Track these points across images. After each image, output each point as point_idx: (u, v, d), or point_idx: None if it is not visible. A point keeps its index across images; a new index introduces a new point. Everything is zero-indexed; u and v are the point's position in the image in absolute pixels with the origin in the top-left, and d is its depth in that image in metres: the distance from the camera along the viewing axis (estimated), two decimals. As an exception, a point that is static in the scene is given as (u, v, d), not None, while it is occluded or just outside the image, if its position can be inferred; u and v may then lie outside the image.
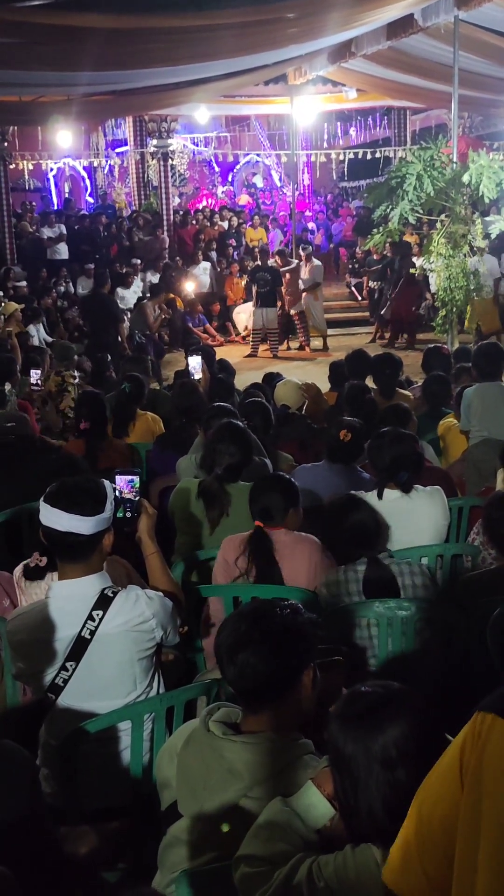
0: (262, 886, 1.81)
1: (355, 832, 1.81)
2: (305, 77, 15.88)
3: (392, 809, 1.73)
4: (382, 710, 1.82)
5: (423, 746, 1.70)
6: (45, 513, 2.78)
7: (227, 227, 19.37)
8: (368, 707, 1.84)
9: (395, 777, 1.75)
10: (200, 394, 6.18)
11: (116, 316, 13.30)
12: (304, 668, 2.21)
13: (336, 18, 10.74)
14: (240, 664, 2.16)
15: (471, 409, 6.00)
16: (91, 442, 5.68)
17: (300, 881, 1.77)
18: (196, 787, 2.13)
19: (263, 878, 1.83)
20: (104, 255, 17.46)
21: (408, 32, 11.99)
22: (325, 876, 1.76)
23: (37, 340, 12.16)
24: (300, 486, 4.60)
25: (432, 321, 13.05)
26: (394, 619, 3.32)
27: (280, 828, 1.90)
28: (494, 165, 11.21)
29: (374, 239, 12.61)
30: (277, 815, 1.93)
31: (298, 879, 1.77)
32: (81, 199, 23.87)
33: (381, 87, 16.81)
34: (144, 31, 10.06)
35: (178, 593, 3.15)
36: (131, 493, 3.02)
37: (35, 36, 9.39)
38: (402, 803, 1.64)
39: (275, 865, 1.83)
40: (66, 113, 16.00)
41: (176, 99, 16.01)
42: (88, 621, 2.75)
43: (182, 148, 22.93)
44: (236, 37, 10.81)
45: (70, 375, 8.59)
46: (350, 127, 23.78)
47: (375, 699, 1.85)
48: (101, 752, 2.77)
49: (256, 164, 26.04)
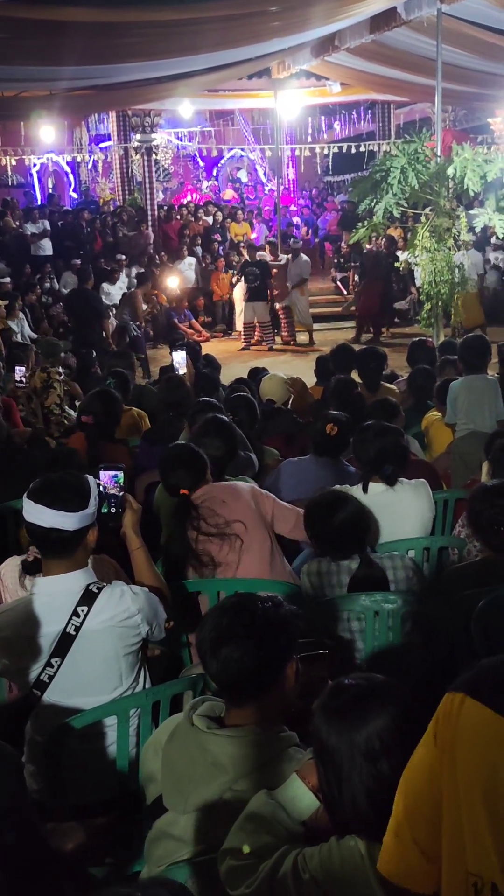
0: (247, 879, 1.82)
1: (340, 824, 1.81)
2: (289, 71, 15.86)
3: (376, 801, 1.73)
4: (366, 703, 1.82)
5: (407, 738, 1.70)
6: (29, 509, 2.77)
7: (212, 223, 19.33)
8: (352, 699, 1.84)
9: (379, 769, 1.76)
10: (187, 388, 6.16)
11: (101, 312, 13.26)
12: (286, 660, 2.21)
13: (319, 12, 10.73)
14: (222, 658, 2.16)
15: (457, 402, 6.03)
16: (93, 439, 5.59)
17: (285, 873, 1.78)
18: (181, 781, 2.13)
19: (249, 870, 1.83)
20: (88, 250, 17.40)
21: (391, 26, 11.99)
22: (311, 868, 1.76)
23: (20, 337, 12.11)
24: (286, 479, 4.61)
25: (417, 315, 13.08)
26: (380, 612, 3.33)
27: (265, 820, 1.90)
28: (478, 159, 11.21)
29: (359, 233, 12.61)
30: (262, 808, 1.93)
31: (283, 872, 1.78)
32: (65, 195, 23.78)
33: (365, 80, 16.81)
34: (127, 25, 10.03)
35: (164, 588, 3.15)
36: (116, 488, 3.02)
37: (16, 30, 9.34)
38: (385, 795, 1.66)
39: (260, 858, 1.83)
40: (49, 108, 15.93)
41: (159, 93, 15.97)
42: (73, 617, 2.75)
43: (166, 143, 22.86)
44: (219, 30, 10.79)
45: (56, 372, 8.56)
46: (334, 121, 23.76)
47: (359, 691, 1.85)
48: (87, 747, 2.77)
49: (241, 158, 26.00)
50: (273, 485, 4.63)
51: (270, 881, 1.79)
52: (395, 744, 1.75)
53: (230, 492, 3.86)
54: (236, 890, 1.84)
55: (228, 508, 3.75)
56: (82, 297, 13.12)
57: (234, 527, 3.72)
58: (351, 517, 3.52)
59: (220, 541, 3.73)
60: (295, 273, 15.49)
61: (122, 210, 19.38)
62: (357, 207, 12.84)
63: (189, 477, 3.85)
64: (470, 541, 3.96)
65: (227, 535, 3.71)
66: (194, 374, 6.81)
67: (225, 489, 3.88)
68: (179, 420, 5.68)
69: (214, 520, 3.72)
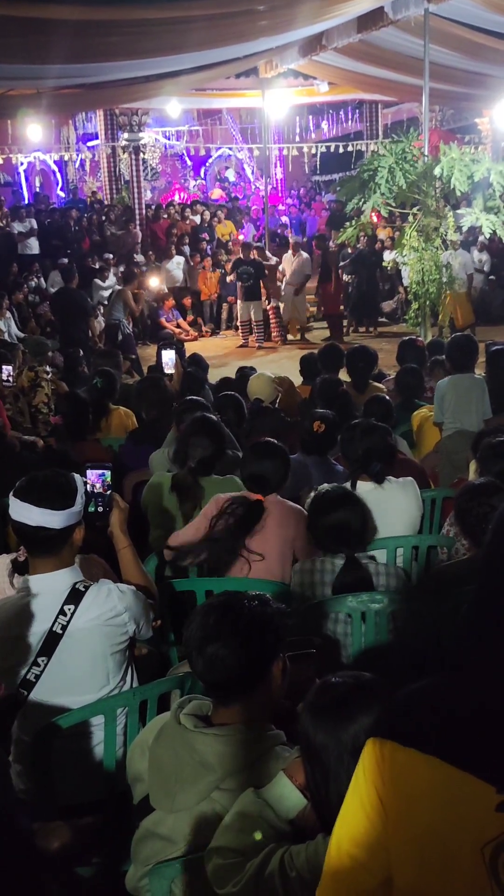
0: (234, 878, 1.81)
1: (327, 822, 1.81)
2: (277, 70, 15.86)
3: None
4: (353, 701, 1.82)
5: None
6: (15, 507, 2.76)
7: (200, 222, 19.31)
8: (339, 697, 1.84)
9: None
10: (166, 387, 6.16)
11: (87, 311, 13.24)
12: (273, 659, 2.21)
13: (306, 11, 10.73)
14: (208, 657, 2.15)
15: (444, 401, 6.03)
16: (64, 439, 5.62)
17: (272, 871, 1.77)
18: (168, 780, 2.12)
19: (236, 869, 1.83)
20: (76, 249, 17.37)
21: (378, 25, 12.02)
22: (297, 866, 1.76)
23: (8, 336, 12.07)
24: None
25: (405, 315, 13.11)
26: (367, 612, 3.33)
27: (252, 819, 1.90)
28: (465, 158, 11.25)
29: (346, 233, 12.63)
30: (249, 807, 1.93)
31: (271, 870, 1.77)
32: (52, 194, 23.72)
33: (353, 80, 16.83)
34: (113, 23, 10.00)
35: (151, 587, 3.14)
36: (102, 487, 3.00)
37: (2, 28, 9.29)
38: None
39: (247, 857, 1.83)
40: (36, 106, 15.88)
41: (147, 92, 15.94)
42: (60, 616, 2.74)
43: (154, 142, 22.85)
44: (206, 29, 10.77)
45: (43, 371, 8.52)
46: (322, 120, 23.79)
47: (346, 689, 1.85)
48: (74, 747, 2.76)
49: (229, 157, 26.00)
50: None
51: (257, 879, 1.78)
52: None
53: (289, 513, 3.87)
54: (223, 888, 1.84)
55: (274, 528, 3.78)
56: (68, 296, 13.08)
57: (253, 556, 3.73)
58: (350, 516, 3.54)
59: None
60: (296, 270, 15.51)
61: (109, 209, 19.34)
62: (345, 207, 12.86)
63: (277, 474, 3.87)
64: (458, 539, 3.97)
65: (245, 558, 3.73)
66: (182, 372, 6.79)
67: (288, 510, 3.88)
68: (165, 420, 5.68)
69: (253, 538, 3.74)
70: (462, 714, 1.31)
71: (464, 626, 1.44)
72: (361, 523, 3.61)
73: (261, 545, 3.74)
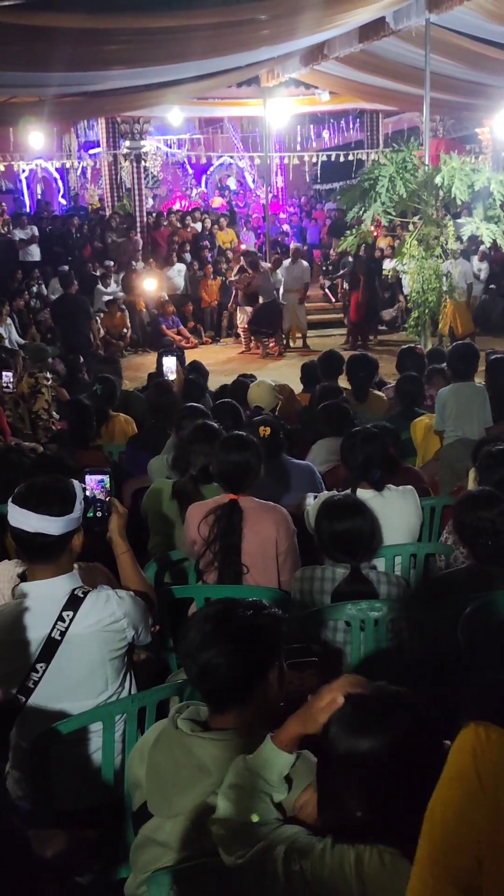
0: (241, 849, 1.85)
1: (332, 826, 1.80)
2: (278, 79, 15.92)
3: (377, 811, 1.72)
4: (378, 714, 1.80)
5: (415, 752, 1.71)
6: (14, 513, 2.76)
7: (201, 229, 19.35)
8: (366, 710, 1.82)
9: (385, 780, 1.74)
10: (174, 394, 6.17)
11: (88, 316, 13.29)
12: (269, 666, 2.20)
13: (308, 21, 10.77)
14: (203, 664, 2.15)
15: (445, 410, 6.04)
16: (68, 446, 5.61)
17: (277, 857, 1.79)
18: (165, 785, 2.12)
19: (240, 837, 1.87)
20: (77, 256, 17.41)
21: (379, 35, 12.06)
22: (302, 862, 1.77)
23: (8, 342, 12.08)
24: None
25: (405, 324, 13.13)
26: (366, 620, 3.32)
27: (245, 790, 1.93)
28: (466, 168, 11.28)
29: (346, 241, 12.65)
30: (241, 778, 1.96)
31: (276, 854, 1.80)
32: (54, 201, 23.76)
33: (354, 89, 16.88)
34: (116, 32, 10.03)
35: (150, 592, 3.14)
36: (102, 492, 3.00)
37: (5, 36, 9.32)
38: (387, 806, 1.68)
39: (247, 825, 1.87)
40: (38, 114, 15.91)
41: (148, 100, 15.99)
42: (59, 622, 2.73)
43: (155, 150, 22.88)
44: (208, 38, 10.80)
45: (43, 377, 8.53)
46: (323, 129, 23.86)
47: (378, 703, 1.83)
48: (72, 753, 2.75)
49: (230, 166, 26.05)
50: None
51: (263, 859, 1.80)
52: (402, 756, 1.73)
53: (267, 515, 3.77)
54: (231, 854, 1.87)
55: (253, 530, 3.70)
56: (70, 302, 13.10)
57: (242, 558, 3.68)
58: (357, 528, 3.48)
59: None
60: (295, 277, 15.52)
61: (111, 216, 19.38)
62: (346, 215, 12.90)
63: (248, 469, 3.76)
64: (457, 547, 3.96)
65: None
66: (182, 380, 6.80)
67: (264, 509, 3.78)
68: (165, 426, 5.69)
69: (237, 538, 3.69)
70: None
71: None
72: (370, 534, 3.56)
73: (242, 556, 3.69)
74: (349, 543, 3.47)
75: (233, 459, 3.74)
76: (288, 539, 3.76)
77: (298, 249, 16.61)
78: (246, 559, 3.68)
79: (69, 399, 5.97)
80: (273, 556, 3.73)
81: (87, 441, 5.78)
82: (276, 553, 3.73)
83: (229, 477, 3.77)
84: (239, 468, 3.74)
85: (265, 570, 3.71)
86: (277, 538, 3.72)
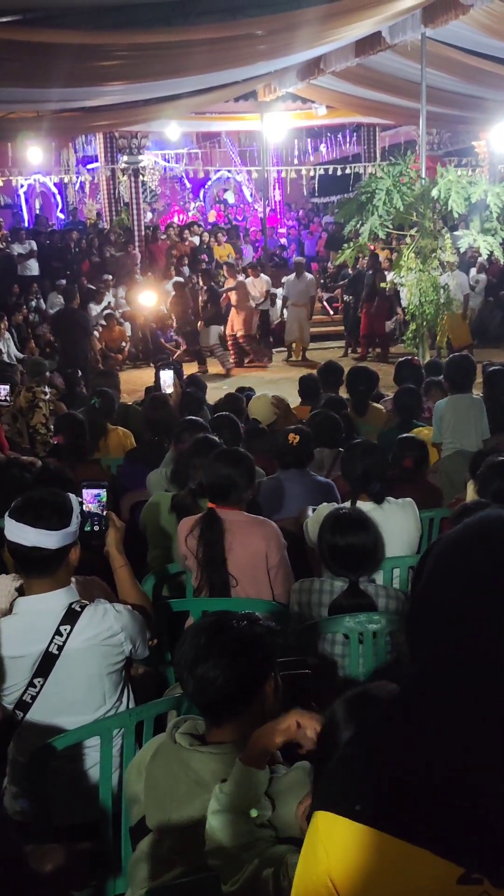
0: (233, 877, 1.86)
1: None
2: (275, 94, 15.98)
3: None
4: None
5: None
6: (11, 528, 2.75)
7: (199, 243, 19.40)
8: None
9: None
10: (171, 408, 6.16)
11: (87, 330, 13.30)
12: (265, 678, 2.19)
13: (304, 36, 10.82)
14: (199, 678, 2.14)
15: (443, 422, 6.04)
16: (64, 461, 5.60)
17: (267, 876, 1.81)
18: (164, 800, 2.11)
19: (233, 868, 1.89)
20: (75, 270, 17.44)
21: (376, 50, 12.11)
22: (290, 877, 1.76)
23: (6, 357, 12.10)
24: (262, 501, 4.62)
25: (403, 336, 13.15)
26: (365, 633, 3.31)
27: (228, 815, 1.93)
28: (462, 181, 11.32)
29: (344, 254, 12.69)
30: (221, 804, 1.96)
31: (266, 874, 1.81)
32: (52, 216, 23.85)
33: (351, 103, 16.95)
34: (114, 47, 10.09)
35: (148, 606, 3.13)
36: (98, 506, 2.99)
37: (4, 52, 9.38)
38: None
39: (239, 854, 1.89)
40: (36, 129, 15.99)
41: (146, 115, 16.05)
42: (56, 636, 2.72)
43: (153, 164, 22.98)
44: (205, 53, 10.85)
45: (41, 391, 8.53)
46: (320, 143, 23.94)
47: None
48: (69, 768, 2.74)
49: (227, 180, 26.16)
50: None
51: (254, 881, 1.82)
52: None
53: (255, 529, 3.76)
54: (226, 883, 1.88)
55: (241, 544, 3.70)
56: (69, 317, 13.13)
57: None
58: (361, 543, 3.47)
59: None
60: (301, 291, 15.51)
61: (109, 231, 19.44)
62: (343, 228, 12.93)
63: (236, 483, 3.77)
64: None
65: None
66: (180, 393, 6.81)
67: (252, 523, 3.78)
68: (163, 440, 5.68)
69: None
70: (406, 781, 1.17)
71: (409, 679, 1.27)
72: (373, 549, 3.54)
73: (230, 568, 3.69)
74: (351, 558, 3.46)
75: (221, 472, 3.77)
76: (278, 553, 3.75)
77: (302, 263, 16.50)
78: (236, 572, 3.68)
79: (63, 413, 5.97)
80: (264, 569, 3.72)
81: (83, 455, 5.77)
82: (267, 567, 3.73)
83: (214, 488, 3.79)
84: (225, 480, 3.76)
85: (256, 583, 3.71)
86: (268, 552, 3.72)
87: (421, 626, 1.24)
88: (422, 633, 1.24)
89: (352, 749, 1.28)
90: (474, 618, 1.18)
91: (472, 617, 1.18)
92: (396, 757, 1.20)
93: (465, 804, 1.14)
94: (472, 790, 1.15)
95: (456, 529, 1.28)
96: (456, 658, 1.18)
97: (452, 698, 1.18)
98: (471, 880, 1.13)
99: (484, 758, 1.15)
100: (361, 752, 1.25)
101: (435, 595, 1.23)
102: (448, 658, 1.19)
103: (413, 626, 1.26)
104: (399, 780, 1.18)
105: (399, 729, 1.22)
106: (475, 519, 1.27)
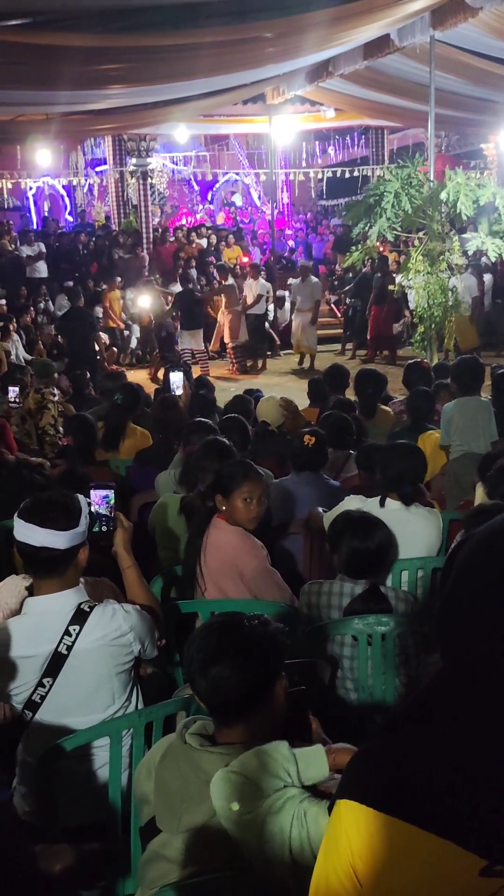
0: (247, 803, 1.91)
1: None
2: (284, 96, 16.00)
3: None
4: None
5: None
6: (20, 528, 2.76)
7: (206, 245, 19.42)
8: None
9: None
10: (180, 409, 6.16)
11: (94, 328, 13.35)
12: (275, 679, 2.19)
13: (313, 38, 10.83)
14: (212, 678, 2.14)
15: (451, 424, 6.03)
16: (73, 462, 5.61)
17: (286, 817, 1.86)
18: (174, 801, 2.10)
19: (248, 793, 1.94)
20: (84, 272, 17.48)
21: (384, 52, 12.12)
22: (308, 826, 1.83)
23: (15, 358, 12.12)
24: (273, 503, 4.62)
25: (411, 338, 13.13)
26: (373, 635, 3.31)
27: (273, 761, 1.99)
28: (471, 183, 11.32)
29: (352, 256, 12.68)
30: (278, 752, 2.00)
31: (284, 814, 1.86)
32: (61, 218, 23.89)
33: (359, 106, 16.97)
34: (123, 50, 10.10)
35: (156, 606, 3.13)
36: (106, 507, 3.00)
37: (14, 55, 9.40)
38: None
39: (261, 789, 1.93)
40: (45, 132, 16.04)
41: (155, 118, 16.09)
42: (65, 636, 2.73)
43: (161, 167, 23.01)
44: (214, 56, 10.88)
45: (50, 393, 8.54)
46: (328, 146, 23.95)
47: None
48: (79, 768, 2.74)
49: (235, 182, 26.17)
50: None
51: (268, 819, 1.87)
52: None
53: (218, 546, 3.76)
54: (237, 805, 1.93)
55: (215, 549, 3.74)
56: (76, 317, 13.14)
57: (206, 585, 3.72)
58: (377, 546, 3.47)
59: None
60: (306, 296, 15.50)
61: (118, 233, 19.47)
62: (351, 231, 12.93)
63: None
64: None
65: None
66: (190, 395, 6.81)
67: (226, 536, 3.77)
68: (172, 441, 5.68)
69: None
70: (433, 777, 1.18)
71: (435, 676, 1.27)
72: (386, 552, 3.56)
73: (203, 565, 3.75)
74: (365, 560, 3.47)
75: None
76: (250, 564, 3.69)
77: (307, 267, 16.45)
78: (211, 575, 3.71)
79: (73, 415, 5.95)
80: (237, 579, 3.70)
81: (92, 456, 5.77)
82: (241, 578, 3.70)
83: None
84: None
85: (236, 589, 3.71)
86: (237, 563, 3.68)
87: (450, 624, 1.24)
88: (451, 630, 1.24)
89: (378, 740, 1.29)
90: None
91: (501, 615, 1.18)
92: (423, 749, 1.21)
93: (490, 798, 1.15)
94: (497, 785, 1.16)
95: (484, 528, 1.28)
96: (485, 655, 1.18)
97: (481, 694, 1.18)
98: (493, 872, 1.14)
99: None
100: (388, 743, 1.26)
101: (465, 593, 1.23)
102: (477, 655, 1.19)
103: (442, 624, 1.26)
104: (424, 772, 1.19)
105: (427, 722, 1.23)
106: (502, 518, 1.27)
